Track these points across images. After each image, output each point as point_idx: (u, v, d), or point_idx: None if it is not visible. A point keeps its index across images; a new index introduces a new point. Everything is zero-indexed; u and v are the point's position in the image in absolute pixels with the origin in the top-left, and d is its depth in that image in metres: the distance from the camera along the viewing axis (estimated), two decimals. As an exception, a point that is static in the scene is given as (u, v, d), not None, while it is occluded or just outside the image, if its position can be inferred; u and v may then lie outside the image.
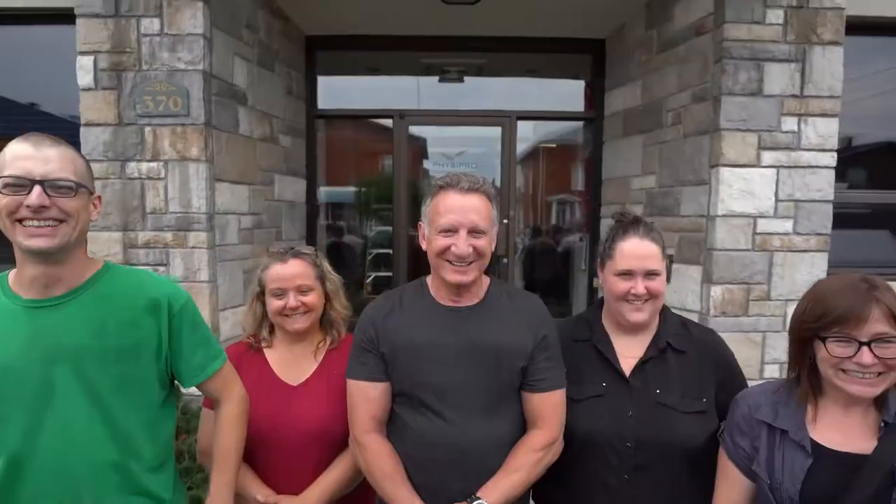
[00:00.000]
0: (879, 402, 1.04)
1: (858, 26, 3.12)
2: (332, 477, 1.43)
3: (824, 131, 3.02)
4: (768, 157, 3.02)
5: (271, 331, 1.57)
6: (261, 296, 1.55)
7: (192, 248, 3.01)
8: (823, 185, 3.05)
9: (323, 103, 4.46)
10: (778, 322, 3.10)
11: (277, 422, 1.45)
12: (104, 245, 3.01)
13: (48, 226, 1.03)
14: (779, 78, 2.98)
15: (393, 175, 4.44)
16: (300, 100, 4.25)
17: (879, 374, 0.99)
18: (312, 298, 1.51)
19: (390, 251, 4.56)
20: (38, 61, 3.42)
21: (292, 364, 1.53)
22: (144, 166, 2.98)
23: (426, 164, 4.86)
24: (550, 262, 4.96)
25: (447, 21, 3.92)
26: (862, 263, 3.35)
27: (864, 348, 0.98)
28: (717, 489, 1.22)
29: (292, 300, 1.47)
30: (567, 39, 4.33)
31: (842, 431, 1.05)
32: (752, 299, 3.11)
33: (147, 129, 2.96)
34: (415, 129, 4.59)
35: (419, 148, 4.80)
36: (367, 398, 1.32)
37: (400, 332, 1.32)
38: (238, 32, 3.31)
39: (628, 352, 1.35)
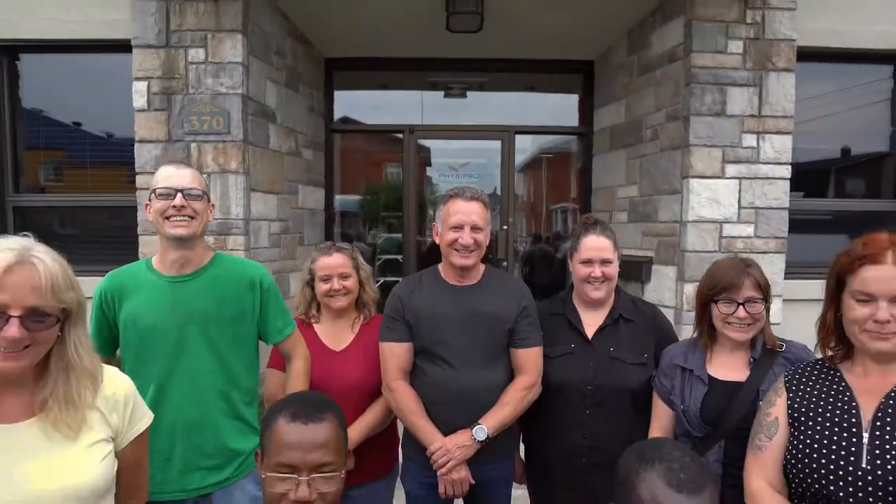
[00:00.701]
0: (751, 345, 1.50)
1: (809, 55, 3.57)
2: (368, 418, 1.88)
3: (780, 147, 3.47)
4: (731, 169, 3.47)
5: (318, 309, 2.03)
6: (311, 282, 2.00)
7: (231, 250, 3.44)
8: (780, 194, 3.50)
9: (339, 119, 4.94)
10: (742, 314, 3.53)
11: (325, 378, 1.89)
12: (156, 246, 3.45)
13: (185, 220, 1.52)
14: (739, 100, 3.44)
15: (403, 185, 4.90)
16: (320, 116, 4.72)
17: (749, 324, 1.46)
18: (350, 283, 1.96)
19: (398, 257, 5.01)
20: (92, 86, 3.90)
21: (335, 335, 1.99)
22: (189, 177, 3.43)
23: (433, 174, 5.33)
24: (548, 265, 5.41)
25: (451, 44, 4.37)
26: (819, 264, 3.79)
27: (741, 307, 1.44)
28: (652, 419, 1.68)
29: (336, 283, 1.92)
30: (560, 61, 4.80)
31: (728, 367, 1.52)
32: (719, 294, 3.54)
33: (193, 145, 3.42)
34: (422, 142, 5.05)
35: (426, 159, 5.27)
36: (395, 354, 1.77)
37: (421, 305, 1.77)
38: (269, 59, 3.77)
39: (591, 321, 1.80)
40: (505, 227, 4.84)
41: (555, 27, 4.09)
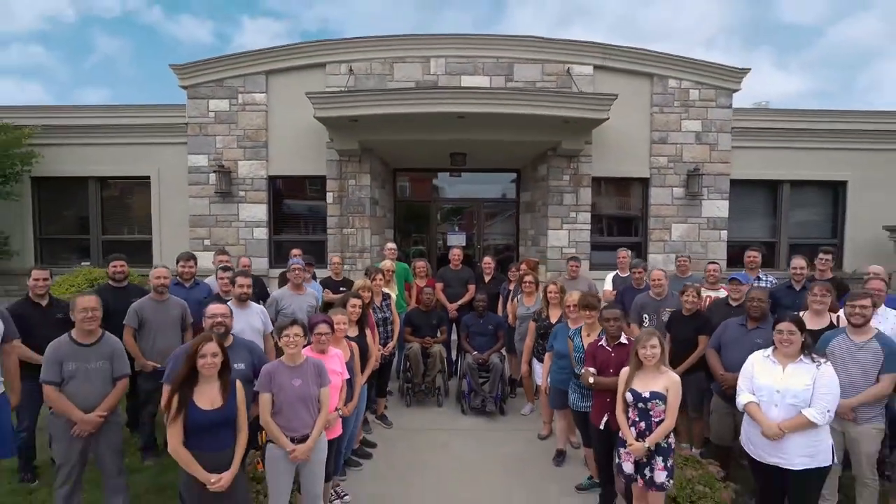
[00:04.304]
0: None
1: (600, 178, 8.75)
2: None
3: (584, 218, 8.61)
4: (566, 226, 8.62)
5: (414, 276, 7.21)
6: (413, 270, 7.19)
7: (366, 259, 8.63)
8: (586, 236, 8.64)
9: (399, 195, 10.16)
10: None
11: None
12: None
13: (393, 255, 6.69)
14: (568, 198, 8.63)
15: (429, 226, 10.11)
16: (391, 195, 9.92)
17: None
18: (425, 270, 7.14)
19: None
20: (305, 194, 9.14)
21: (418, 283, 7.17)
22: (348, 230, 8.63)
23: (447, 221, 10.53)
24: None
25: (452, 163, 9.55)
26: (601, 264, 8.94)
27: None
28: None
29: (420, 267, 7.09)
30: (505, 168, 10.00)
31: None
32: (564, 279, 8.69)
33: (350, 217, 8.61)
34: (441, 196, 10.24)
35: (442, 214, 10.47)
36: (440, 286, 6.94)
37: (445, 275, 6.93)
38: (376, 177, 8.93)
39: (488, 279, 6.94)
40: (479, 247, 10.04)
41: (503, 156, 9.27)
